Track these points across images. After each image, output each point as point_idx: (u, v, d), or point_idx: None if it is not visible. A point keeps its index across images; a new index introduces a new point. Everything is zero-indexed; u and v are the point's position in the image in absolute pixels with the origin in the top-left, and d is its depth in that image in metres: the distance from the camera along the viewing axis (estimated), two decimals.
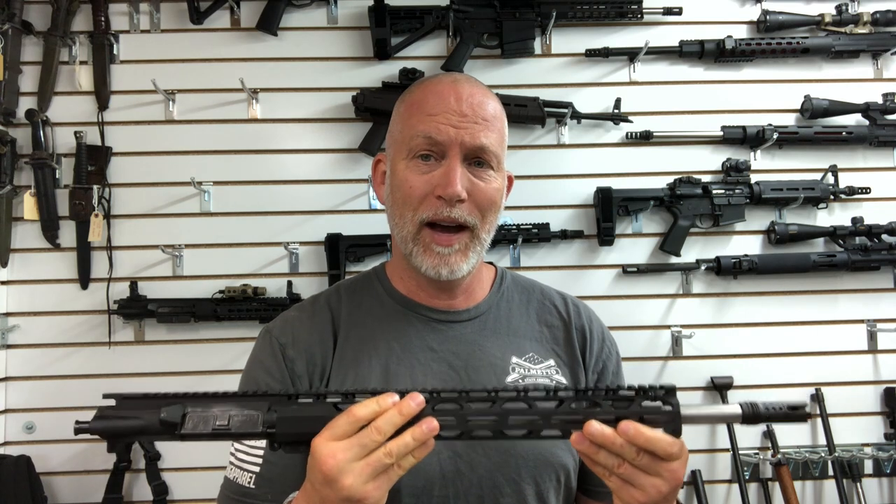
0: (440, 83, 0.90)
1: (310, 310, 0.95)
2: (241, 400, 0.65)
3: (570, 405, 0.64)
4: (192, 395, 0.65)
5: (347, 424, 0.62)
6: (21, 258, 1.90)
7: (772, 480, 1.90)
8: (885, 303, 1.98)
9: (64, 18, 1.89)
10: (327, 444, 0.62)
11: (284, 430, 0.64)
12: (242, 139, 1.95)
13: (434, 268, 0.86)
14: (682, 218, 1.92)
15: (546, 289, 1.03)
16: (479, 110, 0.87)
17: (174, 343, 1.89)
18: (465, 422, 0.64)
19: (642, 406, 0.63)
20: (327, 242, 1.90)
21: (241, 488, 0.84)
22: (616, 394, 0.64)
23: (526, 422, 0.64)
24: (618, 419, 0.63)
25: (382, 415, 0.62)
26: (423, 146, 0.86)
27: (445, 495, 0.83)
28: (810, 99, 1.97)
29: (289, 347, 0.89)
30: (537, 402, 0.64)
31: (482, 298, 0.96)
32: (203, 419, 0.64)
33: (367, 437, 0.61)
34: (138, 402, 0.65)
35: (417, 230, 0.86)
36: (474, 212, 0.86)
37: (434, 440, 0.64)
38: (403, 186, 0.87)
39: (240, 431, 0.64)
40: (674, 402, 0.64)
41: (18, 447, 1.83)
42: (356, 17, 1.98)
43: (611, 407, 0.64)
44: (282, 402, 0.65)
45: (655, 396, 0.64)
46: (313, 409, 0.65)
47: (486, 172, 0.88)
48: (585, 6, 1.94)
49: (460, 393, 0.65)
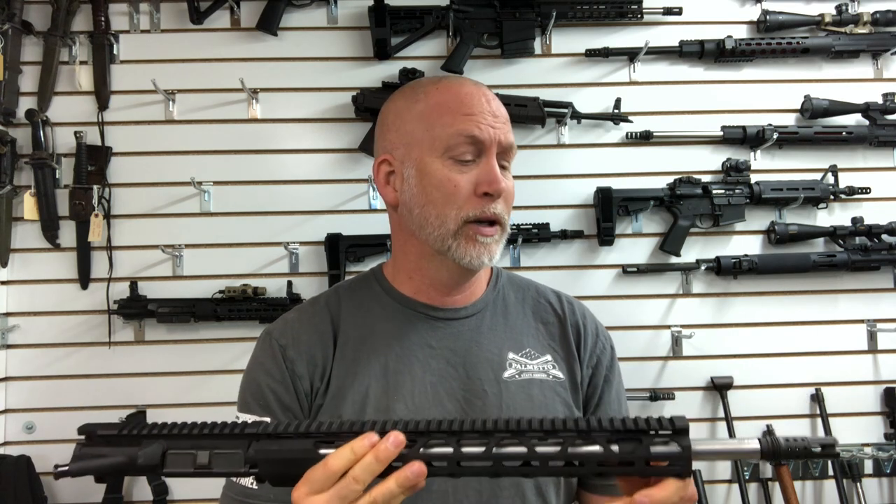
0: (464, 85, 0.92)
1: (310, 311, 0.95)
2: (220, 438, 0.63)
3: (568, 448, 0.59)
4: (169, 434, 0.63)
5: (324, 476, 0.60)
6: (21, 258, 1.90)
7: (772, 480, 1.90)
8: (885, 303, 1.98)
9: (64, 18, 1.89)
10: (307, 498, 0.61)
11: (266, 470, 0.63)
12: (242, 139, 1.95)
13: (478, 257, 0.87)
14: (682, 218, 1.92)
15: (541, 287, 1.04)
16: (501, 112, 0.91)
17: (174, 343, 1.89)
18: (457, 464, 0.60)
19: (650, 451, 0.59)
20: (327, 242, 1.90)
21: (243, 489, 0.84)
22: (620, 432, 0.60)
23: (522, 465, 0.60)
24: (622, 463, 0.59)
25: (359, 462, 0.60)
26: (464, 144, 0.87)
27: (444, 490, 0.83)
28: (810, 99, 1.97)
29: (289, 349, 0.89)
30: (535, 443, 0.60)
31: (479, 297, 0.97)
32: (183, 459, 0.62)
33: (345, 489, 0.60)
34: (116, 438, 0.63)
35: (460, 227, 0.87)
36: (506, 209, 0.90)
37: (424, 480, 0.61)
38: (447, 185, 0.87)
39: (222, 471, 0.63)
40: (684, 443, 0.59)
41: (18, 447, 1.83)
42: (356, 17, 1.98)
43: (615, 451, 0.59)
44: (262, 439, 0.63)
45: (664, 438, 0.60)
46: (294, 449, 0.63)
47: (506, 172, 0.91)
48: (585, 6, 1.94)
49: (451, 431, 0.61)
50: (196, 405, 1.86)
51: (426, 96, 0.92)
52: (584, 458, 0.59)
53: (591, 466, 0.59)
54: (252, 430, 0.63)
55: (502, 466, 0.60)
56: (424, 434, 0.62)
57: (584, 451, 0.59)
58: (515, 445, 0.60)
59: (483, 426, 0.61)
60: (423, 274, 0.94)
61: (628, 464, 0.59)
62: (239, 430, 0.63)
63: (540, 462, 0.60)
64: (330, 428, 0.63)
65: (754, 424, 1.94)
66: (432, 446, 0.61)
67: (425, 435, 0.61)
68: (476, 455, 0.60)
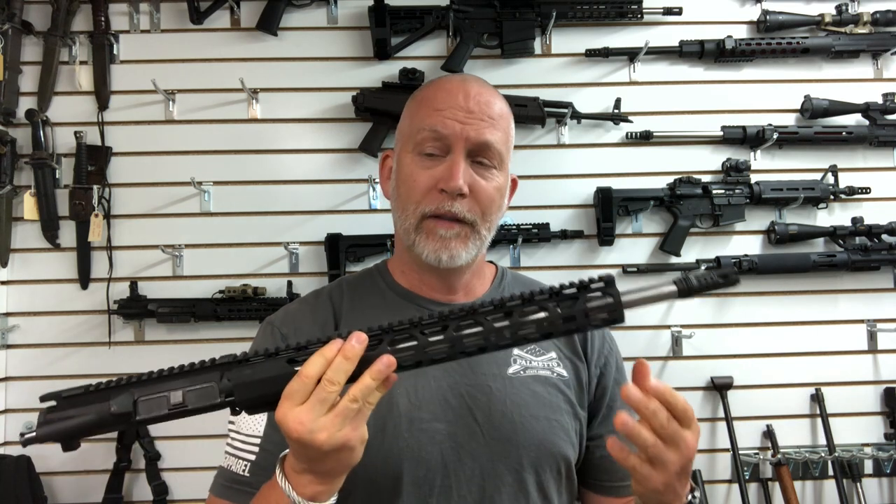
0: (450, 81, 0.92)
1: (312, 302, 0.96)
2: (191, 375, 0.64)
3: (518, 316, 0.65)
4: (138, 381, 0.63)
5: (301, 386, 0.62)
6: (21, 258, 1.90)
7: (772, 480, 1.90)
8: (885, 303, 1.98)
9: (64, 18, 1.89)
10: (290, 411, 0.62)
11: (243, 396, 0.63)
12: (242, 139, 1.95)
13: (435, 252, 0.87)
14: (682, 218, 1.92)
15: (546, 287, 1.04)
16: (485, 108, 0.88)
17: (174, 343, 1.89)
18: (423, 351, 0.65)
19: (587, 304, 0.65)
20: (327, 242, 1.90)
21: (233, 475, 0.85)
22: (560, 295, 0.66)
23: (480, 340, 0.65)
24: (565, 319, 0.65)
25: (330, 366, 0.63)
26: (429, 139, 0.87)
27: (447, 485, 0.84)
28: (810, 99, 1.97)
29: (291, 337, 0.90)
30: (488, 318, 0.65)
31: (482, 295, 0.97)
32: (156, 402, 0.63)
33: (323, 392, 0.62)
34: (82, 397, 0.63)
35: (419, 221, 0.87)
36: (475, 209, 0.87)
37: (396, 373, 0.65)
38: (409, 180, 0.88)
39: (198, 406, 0.63)
40: (614, 292, 0.66)
41: (18, 447, 1.83)
42: (356, 17, 1.98)
43: (557, 309, 0.65)
44: (233, 367, 0.64)
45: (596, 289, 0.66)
46: (267, 369, 0.64)
47: (489, 171, 0.89)
48: (585, 6, 1.94)
49: (412, 324, 0.66)
50: None
51: (419, 93, 0.94)
52: (533, 323, 0.65)
53: (541, 329, 0.66)
54: (223, 360, 0.65)
55: (464, 345, 0.65)
56: (388, 332, 0.66)
57: (532, 318, 0.66)
58: (472, 326, 0.65)
59: (440, 315, 0.66)
60: (412, 269, 0.95)
61: (570, 318, 0.66)
62: (209, 363, 0.65)
63: (495, 334, 0.65)
64: (298, 345, 0.66)
65: (754, 424, 1.94)
66: (398, 342, 0.65)
67: (389, 332, 0.66)
68: (438, 340, 0.65)
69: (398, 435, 0.84)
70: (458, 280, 0.94)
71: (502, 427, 0.86)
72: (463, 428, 0.85)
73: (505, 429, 0.86)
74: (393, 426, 0.84)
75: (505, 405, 0.87)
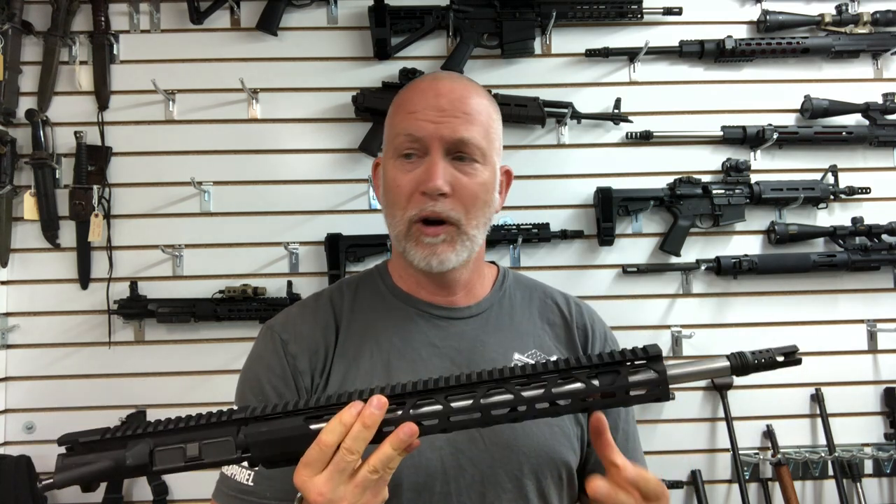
0: (422, 81, 0.91)
1: (313, 305, 0.95)
2: (208, 428, 0.62)
3: (552, 388, 0.62)
4: (154, 431, 0.62)
5: (320, 454, 0.61)
6: (21, 258, 1.90)
7: (772, 480, 1.90)
8: (885, 303, 1.98)
9: (64, 18, 1.89)
10: (310, 480, 0.61)
11: (259, 454, 0.62)
12: (242, 139, 1.95)
13: (425, 258, 0.86)
14: (682, 218, 1.92)
15: (548, 288, 1.03)
16: (459, 104, 0.86)
17: (174, 343, 1.89)
18: (447, 419, 0.62)
19: (629, 380, 0.62)
20: (327, 242, 1.90)
21: (238, 485, 0.83)
22: (600, 367, 0.63)
23: (510, 411, 0.62)
24: (605, 395, 0.62)
25: (349, 433, 0.61)
26: (405, 144, 0.86)
27: (447, 491, 0.83)
28: (810, 99, 1.97)
29: (291, 343, 0.89)
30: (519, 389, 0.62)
31: (484, 296, 0.97)
32: (173, 454, 0.62)
33: (342, 462, 0.61)
34: (99, 443, 0.62)
35: (408, 227, 0.87)
36: (458, 207, 0.86)
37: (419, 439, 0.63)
38: (392, 186, 0.88)
39: (214, 460, 0.62)
40: (660, 369, 0.63)
41: (18, 447, 1.83)
42: (356, 17, 1.98)
43: (595, 384, 0.62)
44: (250, 422, 0.63)
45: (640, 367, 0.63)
46: (284, 428, 0.63)
47: (471, 167, 0.87)
48: (585, 6, 1.94)
49: (437, 388, 0.63)
50: (196, 405, 1.86)
51: (397, 98, 0.94)
52: (568, 395, 0.62)
53: (576, 403, 0.62)
54: (239, 415, 0.63)
55: (491, 415, 0.62)
56: (412, 395, 0.63)
57: (567, 389, 0.62)
58: (501, 394, 0.62)
59: (468, 379, 0.63)
60: (409, 273, 0.94)
61: (610, 395, 0.62)
62: (226, 416, 0.63)
63: (527, 406, 0.62)
64: (318, 402, 0.64)
65: (754, 424, 1.94)
66: (421, 406, 0.63)
67: (413, 395, 0.63)
68: (464, 408, 0.62)
69: None
70: (455, 281, 0.93)
71: (502, 433, 0.85)
72: (463, 434, 0.84)
73: (505, 435, 0.85)
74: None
75: None
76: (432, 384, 0.63)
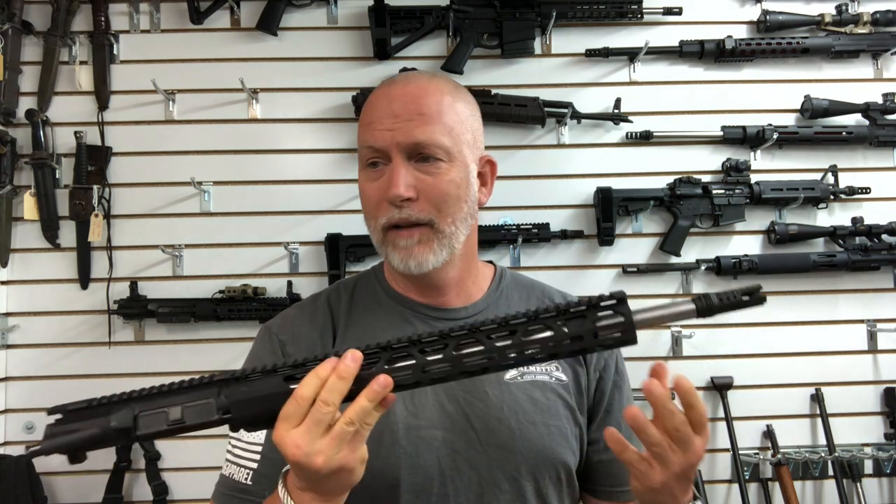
0: (379, 89, 0.92)
1: (310, 307, 0.95)
2: (190, 391, 0.64)
3: (522, 335, 0.63)
4: (139, 396, 0.64)
5: (297, 408, 0.62)
6: (21, 258, 1.90)
7: (772, 480, 1.90)
8: (885, 303, 1.98)
9: (64, 18, 1.89)
10: (287, 434, 0.62)
11: (240, 414, 0.63)
12: (242, 139, 1.95)
13: (402, 261, 0.86)
14: (682, 218, 1.92)
15: (547, 288, 1.03)
16: (413, 106, 0.85)
17: (174, 343, 1.89)
18: (421, 370, 0.63)
19: (596, 324, 0.62)
20: (327, 242, 1.90)
21: (237, 484, 0.84)
22: (567, 313, 0.63)
23: (483, 360, 0.63)
24: (573, 338, 0.62)
25: (325, 386, 0.62)
26: (368, 154, 0.88)
27: (444, 493, 0.83)
28: (810, 99, 1.97)
29: (288, 344, 0.89)
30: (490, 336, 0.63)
31: (480, 297, 0.96)
32: (156, 418, 0.63)
33: (319, 414, 0.61)
34: (86, 411, 0.64)
35: (383, 234, 0.88)
36: (427, 208, 0.85)
37: (394, 393, 0.63)
38: (364, 197, 0.90)
39: (196, 422, 0.63)
40: (625, 311, 0.63)
41: (18, 447, 1.83)
42: (356, 17, 1.98)
43: (563, 328, 0.63)
44: (231, 384, 0.64)
45: (606, 308, 0.63)
46: (263, 387, 0.64)
47: (435, 166, 0.85)
48: (585, 6, 1.94)
49: (411, 342, 0.64)
50: None
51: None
52: (538, 342, 0.63)
53: (546, 349, 0.63)
54: (220, 377, 0.64)
55: (464, 365, 0.63)
56: (386, 350, 0.64)
57: (537, 337, 0.63)
58: (473, 345, 0.63)
59: (440, 333, 0.64)
60: (398, 277, 0.95)
61: (578, 338, 0.62)
62: (207, 379, 0.64)
63: (498, 354, 0.63)
64: (296, 362, 0.65)
65: (754, 424, 1.94)
66: (396, 360, 0.64)
67: (387, 350, 0.64)
68: (437, 360, 0.63)
69: (395, 442, 0.83)
70: (443, 282, 0.92)
71: (499, 434, 0.85)
72: (460, 435, 0.85)
73: (502, 435, 0.85)
74: (390, 433, 0.83)
75: (502, 411, 0.86)
76: (406, 340, 0.64)
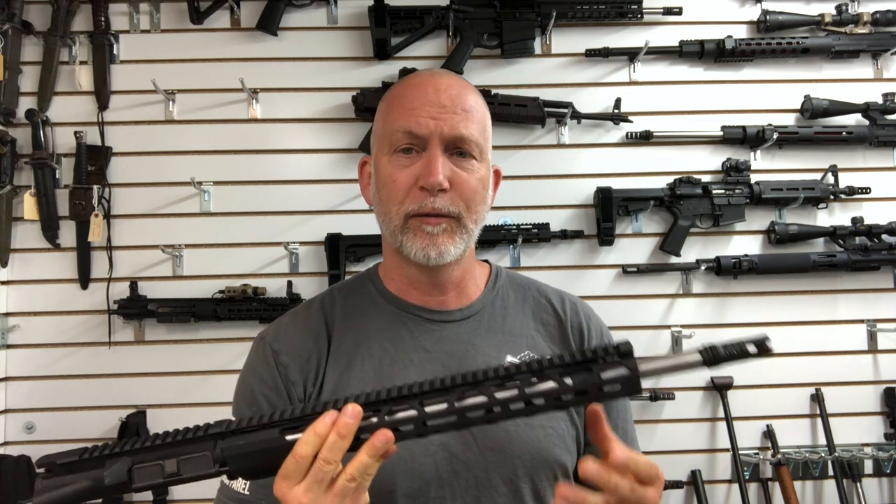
0: (418, 77, 0.90)
1: (304, 314, 0.94)
2: (185, 444, 0.63)
3: (525, 388, 0.62)
4: (132, 449, 0.63)
5: (297, 466, 0.61)
6: (21, 258, 1.90)
7: (772, 480, 1.90)
8: (885, 303, 1.98)
9: (64, 18, 1.89)
10: (290, 492, 0.62)
11: (237, 466, 0.63)
12: (242, 139, 1.95)
13: (423, 249, 0.85)
14: (682, 218, 1.92)
15: (542, 286, 1.02)
16: (457, 101, 0.86)
17: (174, 343, 1.89)
18: (423, 424, 0.63)
19: (601, 377, 0.62)
20: (327, 242, 1.90)
21: (235, 494, 0.84)
22: (572, 365, 0.63)
23: (485, 412, 0.63)
24: (577, 393, 0.62)
25: (325, 444, 0.61)
26: (404, 140, 0.86)
27: (442, 496, 0.83)
28: (810, 99, 1.97)
29: (282, 354, 0.88)
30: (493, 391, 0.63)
31: (476, 297, 0.95)
32: (151, 470, 0.62)
33: (320, 473, 0.61)
34: (78, 464, 0.62)
35: (404, 222, 0.86)
36: (458, 202, 0.85)
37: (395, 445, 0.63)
38: (388, 182, 0.87)
39: (192, 475, 0.63)
40: (632, 365, 0.63)
41: (18, 447, 1.83)
42: (356, 17, 1.98)
43: (568, 383, 0.62)
44: (226, 437, 0.63)
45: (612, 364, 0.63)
46: (259, 441, 0.63)
47: (469, 163, 0.87)
48: (585, 6, 1.94)
49: (412, 394, 0.63)
50: (196, 405, 1.86)
51: (389, 93, 0.93)
52: (542, 395, 0.62)
53: (549, 401, 0.62)
54: (216, 429, 0.64)
55: (467, 418, 0.62)
56: (387, 402, 0.63)
57: (541, 389, 0.62)
58: (476, 396, 0.63)
59: (441, 384, 0.63)
60: (400, 273, 0.93)
61: (583, 392, 0.62)
62: (202, 432, 0.64)
63: (501, 407, 0.62)
64: (293, 414, 0.64)
65: (754, 424, 1.94)
66: (396, 412, 0.63)
67: (388, 402, 0.63)
68: (440, 412, 0.62)
69: None
70: (448, 280, 0.92)
71: (496, 436, 0.84)
72: (456, 438, 0.84)
73: (499, 438, 0.85)
74: None
75: None
76: (406, 390, 0.64)
